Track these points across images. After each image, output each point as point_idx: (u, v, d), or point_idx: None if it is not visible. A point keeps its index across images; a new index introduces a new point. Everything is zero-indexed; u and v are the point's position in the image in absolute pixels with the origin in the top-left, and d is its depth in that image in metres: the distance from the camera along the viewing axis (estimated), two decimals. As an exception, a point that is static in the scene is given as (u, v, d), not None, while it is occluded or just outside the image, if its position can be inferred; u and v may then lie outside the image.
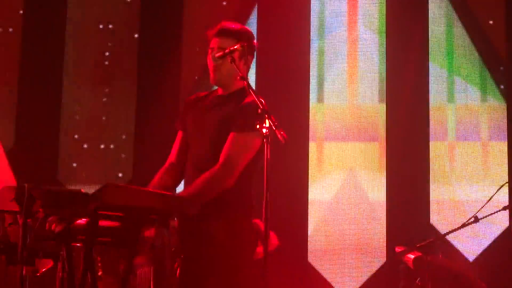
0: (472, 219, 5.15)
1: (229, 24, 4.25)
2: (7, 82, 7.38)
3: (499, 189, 5.32)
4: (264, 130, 3.78)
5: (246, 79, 4.10)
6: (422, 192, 7.01)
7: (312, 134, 7.17)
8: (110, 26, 7.46)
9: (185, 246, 4.08)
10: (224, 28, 4.21)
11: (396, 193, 7.03)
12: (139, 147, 7.25)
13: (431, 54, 7.18)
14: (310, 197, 7.08)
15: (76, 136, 7.35)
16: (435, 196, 7.03)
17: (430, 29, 7.21)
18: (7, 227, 3.95)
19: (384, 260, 6.96)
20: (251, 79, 6.91)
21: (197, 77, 7.24)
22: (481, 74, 7.17)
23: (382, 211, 7.03)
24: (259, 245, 4.14)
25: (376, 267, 6.97)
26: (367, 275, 6.96)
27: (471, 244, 6.92)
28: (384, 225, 7.00)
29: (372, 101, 7.21)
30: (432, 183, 7.03)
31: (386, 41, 7.21)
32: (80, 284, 3.65)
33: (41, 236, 3.69)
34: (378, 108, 7.20)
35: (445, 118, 7.14)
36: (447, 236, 5.94)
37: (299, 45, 7.24)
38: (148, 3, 7.43)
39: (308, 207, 7.07)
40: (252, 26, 7.06)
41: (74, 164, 7.32)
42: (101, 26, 7.46)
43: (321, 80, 7.27)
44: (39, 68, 7.29)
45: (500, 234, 6.91)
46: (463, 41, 7.20)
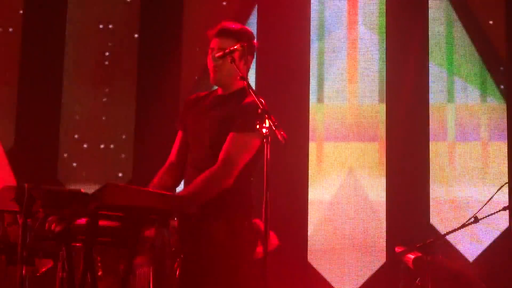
0: (472, 219, 5.14)
1: (229, 24, 4.24)
2: (7, 82, 7.38)
3: (499, 189, 5.32)
4: (264, 130, 3.78)
5: (246, 79, 4.10)
6: (422, 192, 7.00)
7: (312, 134, 7.17)
8: (110, 26, 7.46)
9: (185, 246, 4.08)
10: (224, 28, 4.21)
11: (396, 193, 7.02)
12: (139, 147, 7.24)
13: (431, 54, 7.18)
14: (310, 197, 7.08)
15: (76, 136, 7.35)
16: (435, 196, 7.02)
17: (430, 29, 7.20)
18: (7, 227, 3.95)
19: (384, 260, 6.96)
20: (251, 79, 6.91)
21: (197, 77, 7.23)
22: (481, 74, 7.17)
23: (382, 211, 7.03)
24: (259, 245, 4.14)
25: (376, 267, 6.96)
26: (367, 275, 6.96)
27: (471, 245, 6.92)
28: (384, 225, 7.00)
29: (372, 101, 7.21)
30: (432, 183, 7.03)
31: (386, 41, 7.21)
32: (80, 284, 3.65)
33: (41, 236, 3.69)
34: (378, 108, 7.19)
35: (445, 118, 7.14)
36: (447, 236, 5.94)
37: (299, 45, 7.23)
38: (148, 3, 7.43)
39: (308, 207, 7.06)
40: (252, 26, 7.05)
41: (74, 164, 7.31)
42: (101, 26, 7.46)
43: (321, 80, 7.26)
44: (39, 68, 7.29)
45: (500, 235, 6.91)
46: (463, 41, 7.20)
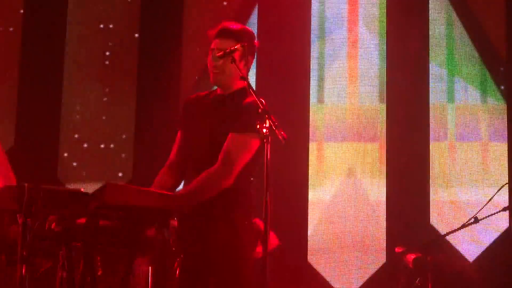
0: (472, 220, 5.14)
1: (230, 25, 4.24)
2: (8, 82, 7.38)
3: (499, 190, 5.32)
4: (264, 130, 3.78)
5: (247, 79, 4.10)
6: (422, 193, 7.00)
7: (312, 134, 7.17)
8: (111, 26, 7.46)
9: (185, 246, 4.08)
10: (225, 29, 4.21)
11: (396, 194, 7.02)
12: (139, 147, 7.24)
13: (431, 54, 7.17)
14: (310, 197, 7.07)
15: (76, 136, 7.35)
16: (435, 197, 7.02)
17: (430, 30, 7.20)
18: (7, 227, 3.95)
19: (384, 261, 6.96)
20: (251, 79, 6.91)
21: (197, 77, 7.23)
22: (481, 75, 7.17)
23: (382, 211, 7.02)
24: (259, 245, 4.14)
25: (376, 268, 6.96)
26: (367, 275, 6.96)
27: (471, 245, 6.91)
28: (384, 225, 7.00)
29: (372, 101, 7.21)
30: (432, 184, 7.03)
31: (387, 41, 7.21)
32: (80, 284, 3.65)
33: (41, 236, 3.69)
34: (378, 108, 7.19)
35: (445, 119, 7.14)
36: (447, 237, 5.94)
37: (300, 45, 7.23)
38: (149, 3, 7.42)
39: (308, 207, 7.06)
40: (253, 26, 7.05)
41: (74, 164, 7.31)
42: (102, 26, 7.46)
43: (321, 80, 7.26)
44: (39, 68, 7.29)
45: (500, 235, 6.90)
46: (463, 42, 7.20)
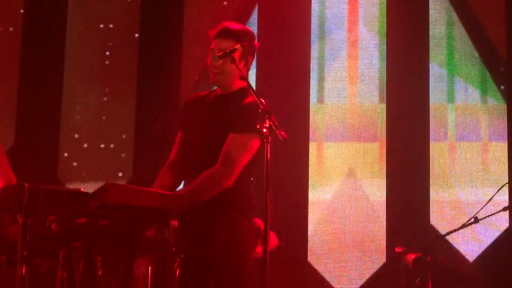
0: (472, 220, 5.13)
1: (230, 25, 4.23)
2: (8, 82, 7.38)
3: (499, 190, 5.31)
4: (264, 130, 3.78)
5: (247, 79, 4.10)
6: (422, 193, 7.00)
7: (312, 134, 7.17)
8: (111, 26, 7.46)
9: (186, 246, 4.08)
10: (225, 29, 4.20)
11: (396, 194, 7.02)
12: (139, 147, 7.24)
13: (431, 55, 7.17)
14: (310, 197, 7.07)
15: (76, 136, 7.35)
16: (435, 197, 7.02)
17: (431, 30, 7.20)
18: (7, 227, 3.95)
19: (384, 261, 6.95)
20: (251, 79, 6.91)
21: (198, 77, 7.23)
22: (481, 75, 7.17)
23: (382, 211, 7.02)
24: (259, 245, 4.14)
25: (376, 267, 6.96)
26: (367, 276, 6.96)
27: (471, 245, 6.91)
28: (384, 225, 7.00)
29: (372, 101, 7.21)
30: (432, 184, 7.03)
31: (387, 41, 7.21)
32: (80, 284, 3.65)
33: (41, 236, 3.69)
34: (378, 108, 7.19)
35: (445, 119, 7.14)
36: (447, 237, 5.93)
37: (300, 45, 7.23)
38: (149, 3, 7.42)
39: (308, 207, 7.06)
40: (253, 26, 7.05)
41: (74, 164, 7.31)
42: (102, 26, 7.46)
43: (321, 80, 7.26)
44: (40, 68, 7.29)
45: (500, 235, 6.90)
46: (463, 42, 7.20)
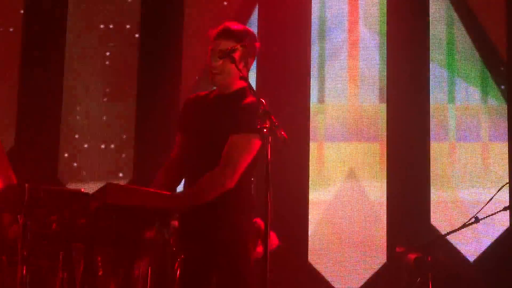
0: (473, 220, 5.13)
1: (231, 25, 4.22)
2: (8, 82, 7.38)
3: (500, 190, 5.31)
4: (265, 131, 3.77)
5: (247, 79, 4.10)
6: (423, 193, 7.00)
7: (313, 134, 7.17)
8: (111, 26, 7.46)
9: (186, 246, 4.08)
10: (225, 29, 4.20)
11: (397, 193, 7.02)
12: (140, 147, 7.24)
13: (432, 55, 7.17)
14: (311, 197, 7.07)
15: (77, 136, 7.35)
16: (436, 197, 7.02)
17: (431, 30, 7.20)
18: (8, 227, 3.95)
19: (385, 260, 6.95)
20: (251, 79, 6.90)
21: (198, 77, 7.23)
22: (482, 75, 7.16)
23: (383, 211, 7.02)
24: (260, 245, 4.14)
25: (377, 267, 6.96)
26: (368, 275, 6.95)
27: (472, 245, 6.91)
28: (385, 225, 6.99)
29: (373, 101, 7.20)
30: (433, 184, 7.02)
31: (387, 41, 7.21)
32: (80, 285, 3.65)
33: (42, 236, 3.69)
34: (379, 108, 7.19)
35: (446, 119, 7.14)
36: (448, 237, 5.93)
37: (300, 45, 7.23)
38: (149, 3, 7.42)
39: (309, 207, 7.06)
40: (253, 26, 7.05)
41: (75, 164, 7.31)
42: (102, 26, 7.46)
43: (322, 80, 7.26)
44: (40, 68, 7.29)
45: (501, 235, 6.90)
46: (464, 42, 7.20)
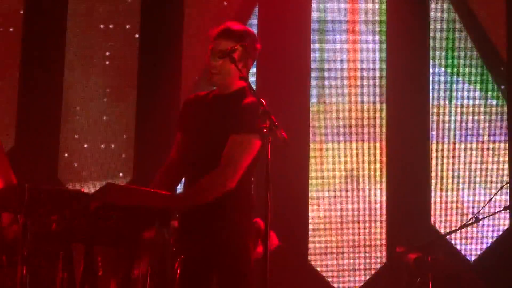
0: (473, 220, 5.13)
1: (232, 25, 4.21)
2: (8, 82, 7.38)
3: (500, 190, 5.31)
4: (265, 131, 3.77)
5: (247, 79, 4.09)
6: (423, 193, 7.00)
7: (313, 134, 7.17)
8: (111, 26, 7.46)
9: (186, 246, 4.08)
10: (226, 29, 4.19)
11: (397, 193, 7.02)
12: (140, 147, 7.24)
13: (432, 54, 7.17)
14: (311, 197, 7.07)
15: (77, 136, 7.35)
16: (436, 197, 7.02)
17: (431, 29, 7.20)
18: (7, 227, 3.95)
19: (385, 260, 6.95)
20: (251, 79, 6.91)
21: (198, 77, 7.23)
22: (482, 75, 7.16)
23: (383, 211, 7.02)
24: (260, 245, 4.14)
25: (377, 267, 6.96)
26: (368, 275, 6.95)
27: (472, 245, 6.91)
28: (385, 225, 6.99)
29: (373, 101, 7.21)
30: (433, 184, 7.02)
31: (387, 41, 7.21)
32: (80, 284, 3.65)
33: (42, 236, 3.69)
34: (379, 108, 7.19)
35: (446, 119, 7.14)
36: (448, 237, 5.93)
37: (300, 45, 7.23)
38: (149, 3, 7.43)
39: (309, 207, 7.06)
40: (253, 26, 7.05)
41: (75, 164, 7.31)
42: (102, 26, 7.46)
43: (322, 80, 7.26)
44: (40, 68, 7.29)
45: (501, 235, 6.90)
46: (464, 42, 7.20)
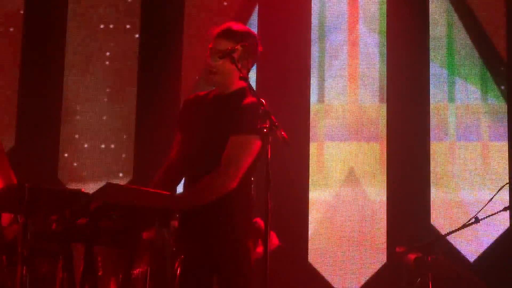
0: (473, 220, 5.13)
1: (232, 25, 4.20)
2: (8, 82, 7.38)
3: (500, 190, 5.31)
4: (265, 131, 3.77)
5: (247, 80, 4.09)
6: (423, 193, 7.00)
7: (313, 134, 7.17)
8: (111, 26, 7.46)
9: (186, 246, 4.07)
10: (226, 29, 4.18)
11: (397, 193, 7.02)
12: (140, 147, 7.24)
13: (432, 54, 7.17)
14: (311, 197, 7.07)
15: (77, 136, 7.35)
16: (436, 197, 7.02)
17: (431, 29, 7.20)
18: (7, 227, 3.95)
19: (385, 261, 6.95)
20: (251, 79, 6.90)
21: (198, 77, 7.23)
22: (482, 75, 7.16)
23: (383, 211, 7.02)
24: (260, 245, 4.14)
25: (377, 268, 6.96)
26: (368, 276, 6.95)
27: (472, 245, 6.91)
28: (385, 225, 6.99)
29: (373, 101, 7.21)
30: (433, 184, 7.03)
31: (387, 41, 7.21)
32: (80, 284, 3.65)
33: (42, 236, 3.69)
34: (379, 108, 7.19)
35: (446, 119, 7.14)
36: (448, 237, 5.93)
37: (300, 45, 7.23)
38: (149, 3, 7.43)
39: (309, 207, 7.06)
40: (253, 26, 7.05)
41: (75, 164, 7.31)
42: (102, 26, 7.46)
43: (322, 80, 7.26)
44: (40, 68, 7.29)
45: (501, 235, 6.90)
46: (464, 41, 7.20)
